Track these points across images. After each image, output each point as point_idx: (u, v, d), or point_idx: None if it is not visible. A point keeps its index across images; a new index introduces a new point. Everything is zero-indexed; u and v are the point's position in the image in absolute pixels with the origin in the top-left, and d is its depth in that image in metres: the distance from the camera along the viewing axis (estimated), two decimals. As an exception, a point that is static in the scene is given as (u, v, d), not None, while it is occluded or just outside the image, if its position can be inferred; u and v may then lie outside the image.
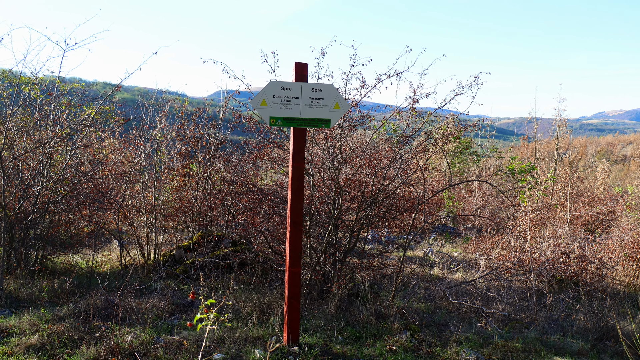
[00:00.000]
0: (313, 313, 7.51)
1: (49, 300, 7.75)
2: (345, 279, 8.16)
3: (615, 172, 47.19)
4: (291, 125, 5.95)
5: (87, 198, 10.12)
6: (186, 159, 12.23)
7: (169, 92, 14.01)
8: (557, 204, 15.99)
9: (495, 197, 18.46)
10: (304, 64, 6.05)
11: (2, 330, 6.33)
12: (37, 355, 5.64)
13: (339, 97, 6.04)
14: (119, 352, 5.59)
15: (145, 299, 7.60)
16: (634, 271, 11.11)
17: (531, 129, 24.87)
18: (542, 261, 9.87)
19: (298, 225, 6.03)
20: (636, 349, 6.04)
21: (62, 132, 9.50)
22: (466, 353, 6.12)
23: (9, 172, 8.96)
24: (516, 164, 10.06)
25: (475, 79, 8.39)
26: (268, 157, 9.81)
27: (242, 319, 6.87)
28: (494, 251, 12.49)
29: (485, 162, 24.85)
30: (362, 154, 9.12)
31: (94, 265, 10.29)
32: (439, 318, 7.91)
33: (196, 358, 5.46)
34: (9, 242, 8.91)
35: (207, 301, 4.54)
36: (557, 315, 8.06)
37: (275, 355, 5.79)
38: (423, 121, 8.94)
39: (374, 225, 10.27)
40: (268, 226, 9.01)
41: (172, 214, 11.83)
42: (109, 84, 20.73)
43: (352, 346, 6.36)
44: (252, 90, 8.42)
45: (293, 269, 6.02)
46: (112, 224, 11.58)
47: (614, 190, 20.56)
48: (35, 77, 9.66)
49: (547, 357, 6.39)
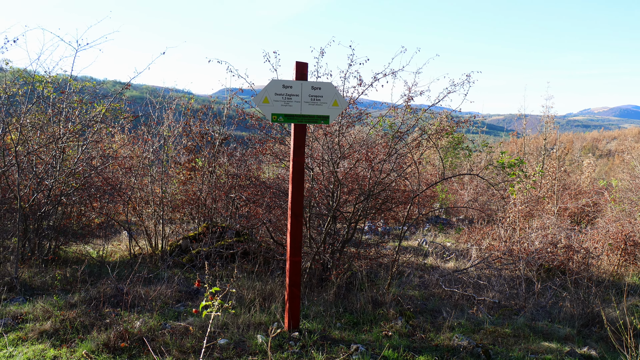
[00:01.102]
0: (313, 300, 7.51)
1: (61, 288, 7.75)
2: (343, 268, 8.15)
3: (600, 166, 47.16)
4: (292, 122, 5.93)
5: (98, 191, 10.10)
6: (192, 153, 12.21)
7: (175, 90, 13.99)
8: (545, 196, 15.97)
9: (486, 189, 18.46)
10: (304, 63, 6.02)
11: (17, 316, 6.32)
12: (50, 340, 5.63)
13: (338, 94, 6.02)
14: (128, 338, 5.59)
15: (153, 286, 7.59)
16: (618, 260, 11.12)
17: (520, 125, 24.85)
18: (531, 251, 9.87)
19: (298, 217, 6.01)
20: (620, 335, 6.03)
21: (74, 128, 9.48)
22: (458, 338, 6.11)
23: (23, 166, 8.94)
24: (506, 158, 10.03)
25: (467, 78, 8.36)
26: (270, 152, 9.78)
27: (245, 306, 6.86)
28: (484, 241, 12.48)
29: (477, 156, 24.83)
30: (359, 149, 9.09)
31: (104, 254, 10.28)
32: (432, 305, 7.91)
33: (201, 343, 5.45)
34: (24, 233, 8.90)
35: (212, 289, 4.52)
36: (545, 303, 8.06)
37: (276, 341, 5.78)
38: (417, 118, 8.92)
39: (371, 216, 10.27)
40: (270, 217, 9.00)
41: (179, 206, 11.82)
42: (118, 82, 20.72)
43: (349, 332, 6.36)
44: (254, 88, 8.39)
45: (294, 258, 6.01)
46: (121, 216, 11.57)
47: (599, 184, 20.55)
48: (49, 76, 9.62)
49: (535, 342, 6.39)
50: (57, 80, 9.97)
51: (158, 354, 5.34)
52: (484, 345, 6.02)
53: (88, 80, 11.66)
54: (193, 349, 5.54)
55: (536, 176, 16.56)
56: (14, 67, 10.22)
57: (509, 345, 6.26)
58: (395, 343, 6.01)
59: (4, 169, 9.00)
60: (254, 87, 8.45)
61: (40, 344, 5.55)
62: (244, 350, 5.59)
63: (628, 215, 14.19)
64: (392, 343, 6.00)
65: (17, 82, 9.84)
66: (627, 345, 5.58)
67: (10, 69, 10.22)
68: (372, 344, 5.96)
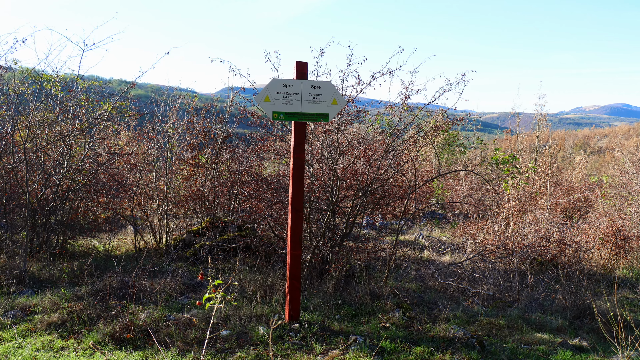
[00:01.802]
0: (312, 293, 7.50)
1: (68, 280, 7.74)
2: (342, 262, 8.14)
3: (591, 163, 47.12)
4: (292, 120, 5.91)
5: (104, 187, 10.09)
6: (195, 150, 12.19)
7: (179, 89, 13.94)
8: (538, 192, 15.95)
9: (480, 185, 18.43)
10: (304, 63, 6.00)
11: (25, 308, 6.31)
12: (58, 332, 5.63)
13: (337, 93, 6.00)
14: (133, 329, 5.58)
15: (158, 279, 7.58)
16: (608, 254, 11.11)
17: (514, 123, 24.79)
18: (524, 245, 9.85)
19: (299, 212, 6.00)
20: (610, 326, 6.03)
21: (81, 126, 9.47)
22: (454, 329, 6.11)
23: (32, 162, 8.92)
24: (500, 155, 10.02)
25: (462, 77, 8.33)
26: (271, 149, 9.77)
27: (247, 298, 6.85)
28: (479, 235, 12.47)
29: (472, 153, 24.79)
30: (357, 146, 9.07)
31: (110, 248, 10.27)
32: (428, 297, 7.91)
33: (205, 334, 5.45)
34: (32, 228, 8.89)
35: (215, 282, 4.52)
36: (538, 295, 8.05)
37: (277, 332, 5.78)
38: (414, 116, 8.90)
39: (369, 211, 10.24)
40: (271, 212, 8.99)
41: (183, 201, 11.81)
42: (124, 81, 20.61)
43: (348, 323, 6.36)
44: (256, 87, 8.35)
45: (294, 252, 6.00)
46: (127, 211, 11.55)
47: (590, 180, 20.55)
48: (57, 75, 9.60)
49: (528, 333, 6.38)
50: (65, 80, 9.96)
51: (162, 344, 5.34)
52: (479, 336, 6.02)
53: (95, 79, 11.65)
54: (196, 339, 5.53)
55: (529, 172, 16.54)
56: (23, 67, 10.21)
57: (502, 337, 6.26)
58: (393, 334, 6.01)
59: (13, 165, 8.99)
60: (255, 86, 8.42)
61: (49, 335, 5.55)
62: (246, 341, 5.59)
63: (618, 210, 14.19)
64: (390, 334, 5.99)
65: (25, 81, 9.83)
66: (617, 336, 5.58)
67: (20, 68, 10.21)
68: (370, 335, 5.95)
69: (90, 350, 5.16)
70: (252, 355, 5.23)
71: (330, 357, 5.26)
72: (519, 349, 5.81)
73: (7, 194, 9.14)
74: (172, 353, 5.16)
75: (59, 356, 5.02)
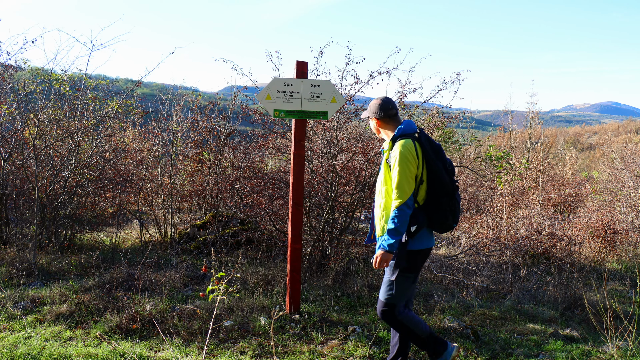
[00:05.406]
0: (312, 285, 7.49)
1: (76, 273, 7.73)
2: (341, 255, 8.13)
3: (582, 159, 47.08)
4: (293, 117, 5.89)
5: (111, 182, 10.08)
6: (199, 147, 12.18)
7: (184, 88, 13.95)
8: (530, 187, 15.93)
9: (474, 181, 18.39)
10: (304, 62, 5.98)
11: (35, 300, 6.30)
12: (66, 322, 5.62)
13: (336, 92, 5.97)
14: (139, 320, 5.57)
15: (163, 272, 7.57)
16: (598, 247, 11.10)
17: (507, 121, 24.81)
18: (517, 238, 9.83)
19: (299, 206, 5.98)
20: (600, 317, 6.02)
21: (88, 124, 9.45)
22: (449, 320, 6.10)
23: (41, 159, 8.90)
24: (493, 151, 10.02)
25: (457, 76, 8.30)
26: (272, 146, 9.74)
27: (249, 290, 6.84)
28: (473, 229, 12.45)
29: (466, 150, 24.74)
30: (356, 143, 9.05)
31: (117, 242, 10.26)
32: (424, 289, 7.89)
33: (208, 325, 5.43)
34: (41, 222, 8.87)
35: (218, 274, 4.50)
36: (530, 287, 8.04)
37: (278, 322, 5.77)
38: (410, 113, 8.88)
39: (367, 206, 10.23)
40: (272, 207, 8.97)
41: (187, 196, 11.79)
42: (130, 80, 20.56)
43: (347, 314, 6.34)
44: (258, 86, 8.34)
45: (294, 245, 5.99)
46: (133, 205, 11.54)
47: (580, 175, 20.55)
48: (65, 74, 9.58)
49: (521, 324, 6.37)
50: (73, 79, 9.94)
51: (167, 334, 5.33)
52: (473, 327, 6.01)
53: (102, 78, 11.62)
54: (200, 330, 5.52)
55: (522, 168, 16.53)
56: (33, 66, 10.20)
57: (496, 327, 6.25)
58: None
59: (23, 161, 8.97)
60: (257, 84, 8.39)
61: (57, 326, 5.53)
62: (248, 332, 5.58)
63: (608, 205, 14.19)
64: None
65: (35, 80, 9.81)
66: (607, 327, 5.56)
67: (29, 67, 10.19)
68: (367, 326, 5.94)
69: (97, 341, 5.15)
70: (254, 345, 5.22)
71: (329, 346, 5.25)
72: (512, 339, 5.80)
73: (17, 189, 9.13)
74: (176, 343, 5.15)
75: (67, 346, 5.00)
